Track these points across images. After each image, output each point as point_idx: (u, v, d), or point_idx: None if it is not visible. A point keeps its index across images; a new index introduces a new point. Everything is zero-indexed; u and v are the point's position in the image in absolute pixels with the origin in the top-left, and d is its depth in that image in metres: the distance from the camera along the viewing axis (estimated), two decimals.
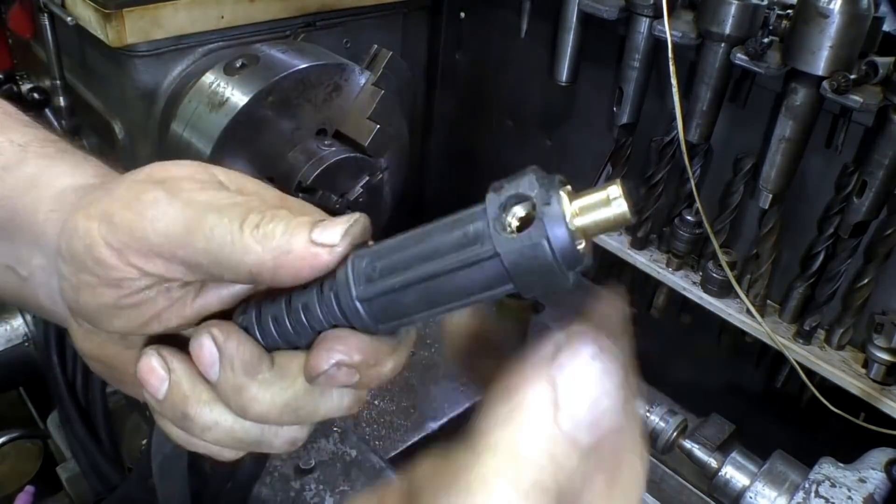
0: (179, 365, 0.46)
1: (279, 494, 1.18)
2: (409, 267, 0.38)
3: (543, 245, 0.35)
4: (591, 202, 0.36)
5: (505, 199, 0.36)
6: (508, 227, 0.35)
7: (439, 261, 0.37)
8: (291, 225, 0.43)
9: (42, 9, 1.33)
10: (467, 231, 0.37)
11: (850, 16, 1.11)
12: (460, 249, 0.37)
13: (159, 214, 0.44)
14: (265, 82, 1.26)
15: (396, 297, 0.39)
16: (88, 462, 1.27)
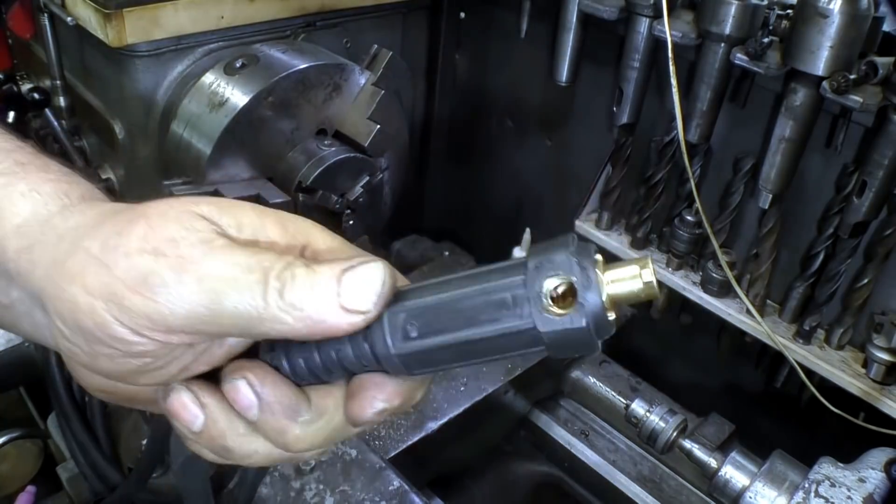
0: (212, 400, 0.46)
1: (279, 494, 1.18)
2: (447, 330, 0.40)
3: (581, 328, 0.38)
4: (622, 276, 0.39)
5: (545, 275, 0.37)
6: (549, 305, 0.37)
7: (478, 328, 0.39)
8: (317, 289, 0.41)
9: (42, 9, 1.33)
10: (506, 300, 0.38)
11: (850, 16, 1.11)
12: (500, 320, 0.38)
13: (174, 298, 0.41)
14: (265, 82, 1.26)
15: (433, 355, 0.41)
16: (86, 461, 1.28)
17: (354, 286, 0.41)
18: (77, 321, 0.43)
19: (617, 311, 0.39)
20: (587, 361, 1.59)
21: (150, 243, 0.42)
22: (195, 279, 0.41)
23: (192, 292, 0.41)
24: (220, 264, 0.42)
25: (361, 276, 0.42)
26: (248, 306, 0.41)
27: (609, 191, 1.61)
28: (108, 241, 0.43)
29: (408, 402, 0.45)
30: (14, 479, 1.66)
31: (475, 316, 0.39)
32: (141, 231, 0.43)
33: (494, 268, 0.40)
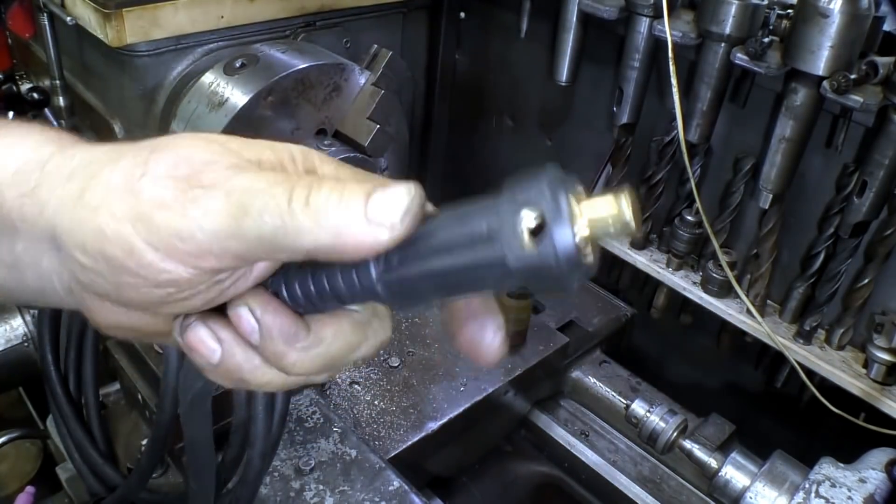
0: (228, 335, 0.47)
1: (279, 494, 1.18)
2: (426, 258, 0.40)
3: (551, 261, 0.37)
4: (599, 211, 0.37)
5: (518, 207, 0.37)
6: (520, 236, 0.37)
7: (455, 255, 0.39)
8: (344, 197, 0.41)
9: (42, 9, 1.33)
10: (481, 231, 0.38)
11: (850, 16, 1.11)
12: (474, 248, 0.38)
13: (202, 212, 0.41)
14: (265, 82, 1.26)
15: (413, 285, 0.41)
16: (83, 460, 1.27)
17: (382, 201, 0.41)
18: (102, 251, 0.43)
19: (595, 249, 0.37)
20: (587, 362, 1.59)
21: (179, 169, 0.43)
22: (224, 193, 0.42)
23: (220, 205, 0.41)
24: (249, 180, 0.42)
25: (391, 193, 0.41)
26: (273, 213, 0.41)
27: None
28: (133, 171, 0.43)
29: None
30: (13, 479, 1.67)
31: (452, 246, 0.39)
32: (170, 160, 0.43)
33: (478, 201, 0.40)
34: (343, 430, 1.30)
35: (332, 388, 1.42)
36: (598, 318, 1.65)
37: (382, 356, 1.50)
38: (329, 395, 1.40)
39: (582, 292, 1.73)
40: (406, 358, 1.50)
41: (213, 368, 0.48)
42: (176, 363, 1.13)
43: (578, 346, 1.57)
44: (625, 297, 1.74)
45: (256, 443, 1.08)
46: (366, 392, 1.41)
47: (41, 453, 1.73)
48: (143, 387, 1.31)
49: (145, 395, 1.30)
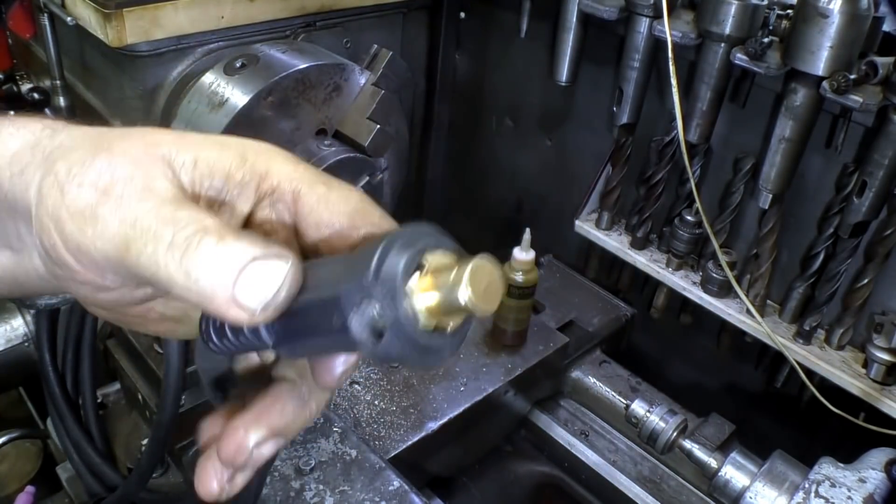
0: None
1: (279, 494, 1.18)
2: (298, 338, 0.42)
3: (395, 354, 0.37)
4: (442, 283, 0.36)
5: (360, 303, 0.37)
6: (363, 338, 0.37)
7: (323, 340, 0.41)
8: (218, 263, 0.41)
9: (42, 9, 1.33)
10: (335, 324, 0.38)
11: (850, 16, 1.11)
12: (335, 337, 0.39)
13: (98, 235, 0.42)
14: (265, 82, 1.26)
15: (290, 352, 0.45)
16: (82, 460, 1.28)
17: (252, 281, 0.40)
18: (41, 237, 0.45)
19: (447, 322, 0.37)
20: (587, 362, 1.59)
21: (102, 179, 0.43)
22: (118, 221, 0.42)
23: (110, 232, 0.42)
24: (145, 212, 0.42)
25: (264, 274, 0.41)
26: (148, 260, 0.41)
27: (609, 191, 1.61)
28: (72, 169, 0.44)
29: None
30: (13, 479, 1.66)
31: (317, 333, 0.40)
32: (102, 165, 0.44)
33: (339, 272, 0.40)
34: (343, 430, 1.30)
35: None
36: (598, 318, 1.65)
37: None
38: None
39: (582, 292, 1.73)
40: None
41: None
42: (177, 364, 1.13)
43: (578, 346, 1.58)
44: (625, 297, 1.74)
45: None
46: (366, 392, 1.41)
47: (41, 453, 1.73)
48: (143, 387, 1.31)
49: (145, 395, 1.30)
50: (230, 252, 0.41)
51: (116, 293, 0.47)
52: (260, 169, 0.46)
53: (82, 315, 1.27)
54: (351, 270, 0.38)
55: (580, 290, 1.74)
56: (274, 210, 0.47)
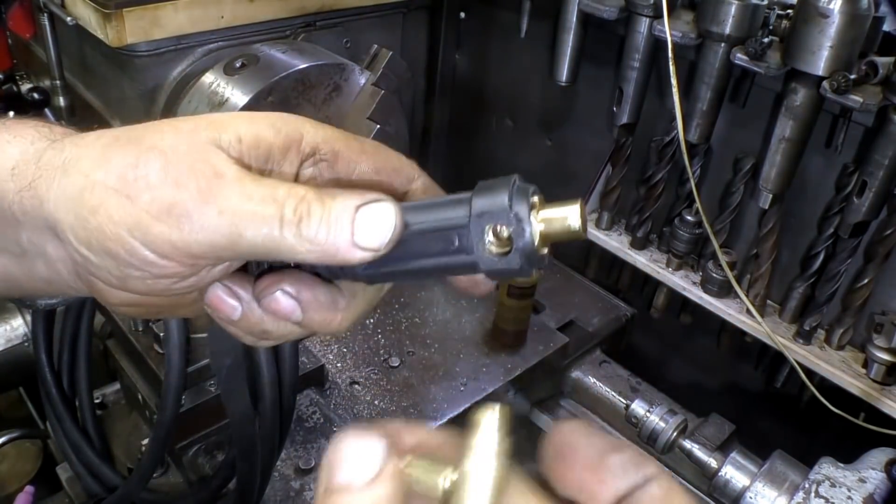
0: (246, 293, 0.50)
1: (279, 494, 1.18)
2: (405, 261, 0.47)
3: (515, 268, 0.44)
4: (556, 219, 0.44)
5: (485, 224, 0.43)
6: (489, 247, 0.44)
7: (432, 260, 0.46)
8: (333, 227, 0.44)
9: (42, 9, 1.33)
10: (453, 241, 0.45)
11: (850, 16, 1.11)
12: (449, 256, 0.45)
13: (197, 228, 0.44)
14: (265, 82, 1.26)
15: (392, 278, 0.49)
16: (80, 461, 1.28)
17: (368, 225, 0.45)
18: (106, 248, 0.46)
19: (549, 247, 0.45)
20: (587, 362, 1.59)
21: (169, 175, 0.45)
22: (216, 211, 0.44)
23: (213, 224, 0.44)
24: (238, 196, 0.45)
25: (376, 215, 0.45)
26: (265, 238, 0.44)
27: (609, 191, 1.61)
28: (126, 174, 0.45)
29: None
30: (13, 478, 1.66)
31: (429, 254, 0.46)
32: (158, 164, 0.45)
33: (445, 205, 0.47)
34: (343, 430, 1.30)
35: (332, 389, 1.42)
36: (598, 318, 1.65)
37: (382, 356, 1.50)
38: (329, 395, 1.40)
39: (582, 292, 1.73)
40: (406, 358, 1.50)
41: (234, 324, 0.51)
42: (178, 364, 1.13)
43: (578, 346, 1.58)
44: (625, 297, 1.74)
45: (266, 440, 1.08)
46: (366, 392, 1.41)
47: (41, 453, 1.73)
48: (143, 387, 1.31)
49: (145, 395, 1.30)
50: (337, 209, 0.45)
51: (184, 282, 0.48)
52: (294, 135, 0.49)
53: (78, 316, 1.27)
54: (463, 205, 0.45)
55: (580, 290, 1.74)
56: (317, 168, 0.50)
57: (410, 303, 1.63)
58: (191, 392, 1.22)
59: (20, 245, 0.51)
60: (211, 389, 1.26)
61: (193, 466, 1.27)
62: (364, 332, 1.55)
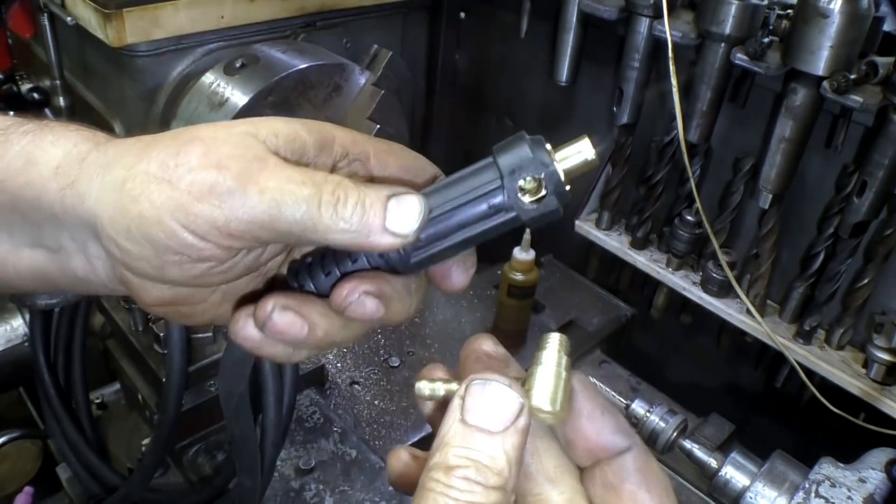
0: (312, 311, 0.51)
1: (279, 494, 1.18)
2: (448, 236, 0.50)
3: (553, 209, 0.48)
4: (570, 155, 0.49)
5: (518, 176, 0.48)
6: (525, 198, 0.48)
7: (473, 227, 0.49)
8: (367, 206, 0.47)
9: (42, 9, 1.33)
10: (492, 205, 0.48)
11: (850, 16, 1.11)
12: (489, 220, 0.49)
13: (237, 205, 0.46)
14: (265, 82, 1.26)
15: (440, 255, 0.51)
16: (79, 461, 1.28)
17: (399, 212, 0.48)
18: (145, 233, 0.47)
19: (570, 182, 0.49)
20: (587, 362, 1.59)
21: (210, 159, 0.47)
22: (257, 190, 0.46)
23: (254, 201, 0.46)
24: (278, 178, 0.47)
25: (405, 205, 0.48)
26: (304, 216, 0.46)
27: (609, 191, 1.61)
28: (167, 162, 0.47)
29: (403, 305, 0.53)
30: (13, 479, 1.66)
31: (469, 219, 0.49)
32: (199, 150, 0.47)
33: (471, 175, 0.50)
34: (343, 430, 1.30)
35: (332, 389, 1.42)
36: (598, 318, 1.65)
37: (382, 356, 1.50)
38: (329, 395, 1.40)
39: (582, 292, 1.73)
40: (406, 358, 1.50)
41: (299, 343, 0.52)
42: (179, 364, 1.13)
43: (578, 346, 1.58)
44: (625, 297, 1.74)
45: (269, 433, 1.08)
46: (366, 392, 1.41)
47: (41, 453, 1.73)
48: (143, 387, 1.31)
49: (145, 395, 1.30)
50: (371, 196, 0.48)
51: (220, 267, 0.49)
52: (327, 136, 0.52)
53: (72, 316, 1.27)
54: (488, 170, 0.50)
55: (580, 290, 1.74)
56: (350, 168, 0.53)
57: None
58: (191, 392, 1.22)
59: (58, 242, 0.52)
60: (211, 390, 1.26)
61: (193, 466, 1.27)
62: None
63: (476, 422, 0.42)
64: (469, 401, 0.43)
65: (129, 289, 0.52)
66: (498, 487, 0.40)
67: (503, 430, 0.42)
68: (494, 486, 0.40)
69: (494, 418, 0.42)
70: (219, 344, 1.27)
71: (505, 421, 0.42)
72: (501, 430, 0.42)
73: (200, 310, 0.54)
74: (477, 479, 0.40)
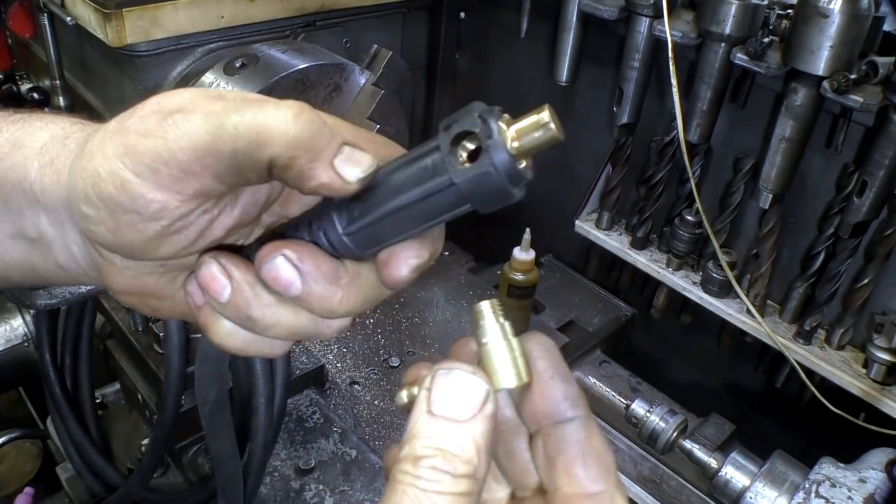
0: (239, 272, 0.49)
1: (279, 494, 1.18)
2: (383, 203, 0.45)
3: (490, 171, 0.42)
4: (526, 126, 0.44)
5: (454, 136, 0.43)
6: (461, 159, 0.42)
7: (407, 194, 0.44)
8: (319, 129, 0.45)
9: (42, 9, 1.33)
10: (426, 165, 0.43)
11: (850, 16, 1.11)
12: (423, 182, 0.44)
13: (181, 132, 0.44)
14: (265, 82, 1.26)
15: (375, 229, 0.46)
16: (82, 460, 1.28)
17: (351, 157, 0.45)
18: (99, 192, 0.46)
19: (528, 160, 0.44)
20: (587, 362, 1.59)
21: (163, 105, 0.46)
22: (202, 115, 0.45)
23: (198, 124, 0.44)
24: (227, 103, 0.45)
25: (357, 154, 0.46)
26: (248, 126, 0.44)
27: (609, 191, 1.61)
28: (124, 115, 0.47)
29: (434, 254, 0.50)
30: (13, 479, 1.67)
31: (404, 184, 0.45)
32: (155, 99, 0.47)
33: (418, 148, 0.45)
34: (343, 430, 1.30)
35: (332, 388, 1.42)
36: (598, 318, 1.65)
37: (382, 356, 1.50)
38: (329, 395, 1.40)
39: (582, 292, 1.73)
40: (406, 358, 1.50)
41: (221, 308, 0.49)
42: (178, 364, 1.13)
43: (578, 346, 1.57)
44: (625, 297, 1.74)
45: (259, 435, 1.08)
46: (366, 392, 1.41)
47: (41, 453, 1.73)
48: (143, 387, 1.31)
49: (145, 395, 1.30)
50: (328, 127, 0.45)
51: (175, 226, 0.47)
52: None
53: (79, 316, 1.27)
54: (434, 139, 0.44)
55: (580, 290, 1.74)
56: None
57: (410, 303, 1.63)
58: (191, 392, 1.22)
59: (38, 228, 0.52)
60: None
61: (193, 466, 1.27)
62: (364, 332, 1.55)
63: (442, 412, 0.41)
64: (434, 392, 0.42)
65: (101, 274, 0.51)
66: (467, 475, 0.40)
67: (470, 417, 0.41)
68: (463, 475, 0.40)
69: (460, 407, 0.41)
70: None
71: (472, 409, 0.41)
72: (469, 418, 0.41)
73: (169, 304, 0.53)
74: (444, 469, 0.40)
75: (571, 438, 0.44)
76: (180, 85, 1.33)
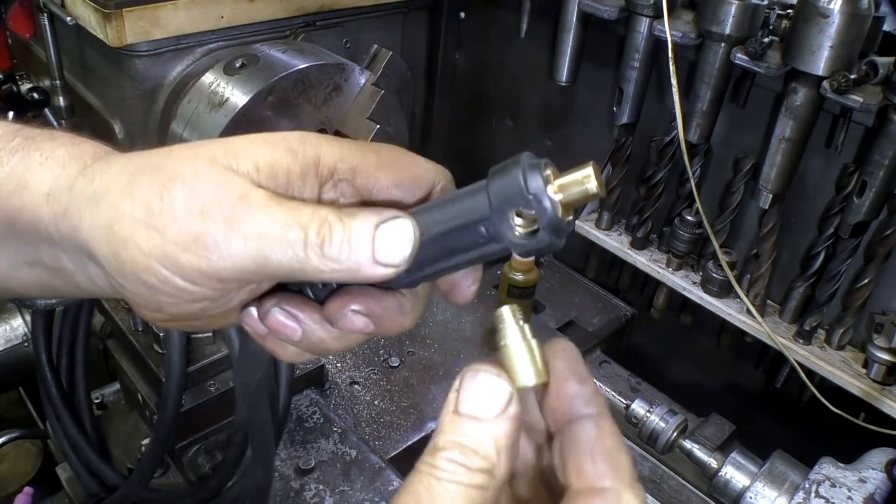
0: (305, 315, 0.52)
1: (279, 494, 1.18)
2: (437, 262, 0.48)
3: (545, 245, 0.45)
4: (571, 182, 0.44)
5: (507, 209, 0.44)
6: (517, 231, 0.44)
7: (463, 255, 0.47)
8: (354, 246, 0.46)
9: (42, 9, 1.33)
10: (481, 234, 0.46)
11: (850, 16, 1.11)
12: (477, 248, 0.46)
13: (224, 255, 0.46)
14: (265, 82, 1.26)
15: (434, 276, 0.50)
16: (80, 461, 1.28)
17: (387, 243, 0.47)
18: (138, 277, 0.48)
19: (571, 213, 0.46)
20: (587, 362, 1.58)
21: (194, 205, 0.47)
22: (242, 238, 0.46)
23: (239, 250, 0.46)
24: (262, 222, 0.46)
25: (393, 234, 0.47)
26: (290, 260, 0.46)
27: (609, 191, 1.61)
28: (152, 206, 0.47)
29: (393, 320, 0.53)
30: (13, 479, 1.67)
31: (458, 247, 0.47)
32: (181, 194, 0.47)
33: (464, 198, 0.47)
34: (343, 430, 1.30)
35: (332, 388, 1.42)
36: (598, 318, 1.65)
37: (382, 356, 1.50)
38: (329, 395, 1.40)
39: (582, 292, 1.73)
40: (406, 358, 1.50)
41: (296, 344, 0.53)
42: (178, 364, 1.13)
43: (578, 346, 1.55)
44: (625, 297, 1.74)
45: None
46: (366, 392, 1.41)
47: (41, 453, 1.73)
48: (143, 387, 1.31)
49: (145, 395, 1.30)
50: (357, 230, 0.46)
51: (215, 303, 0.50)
52: (311, 157, 0.50)
53: (76, 316, 1.27)
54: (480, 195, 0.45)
55: (580, 290, 1.74)
56: (337, 189, 0.51)
57: None
58: (191, 392, 1.22)
59: (57, 262, 0.53)
60: (211, 390, 1.26)
61: (193, 466, 1.27)
62: None
63: (467, 411, 0.43)
64: (462, 393, 0.44)
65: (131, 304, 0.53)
66: (483, 470, 0.42)
67: (493, 417, 0.43)
68: (479, 469, 0.41)
69: (485, 406, 0.43)
70: (218, 344, 1.27)
71: (496, 409, 0.43)
72: (492, 417, 0.43)
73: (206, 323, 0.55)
74: (460, 461, 0.41)
75: (583, 435, 0.45)
76: (180, 85, 1.33)
